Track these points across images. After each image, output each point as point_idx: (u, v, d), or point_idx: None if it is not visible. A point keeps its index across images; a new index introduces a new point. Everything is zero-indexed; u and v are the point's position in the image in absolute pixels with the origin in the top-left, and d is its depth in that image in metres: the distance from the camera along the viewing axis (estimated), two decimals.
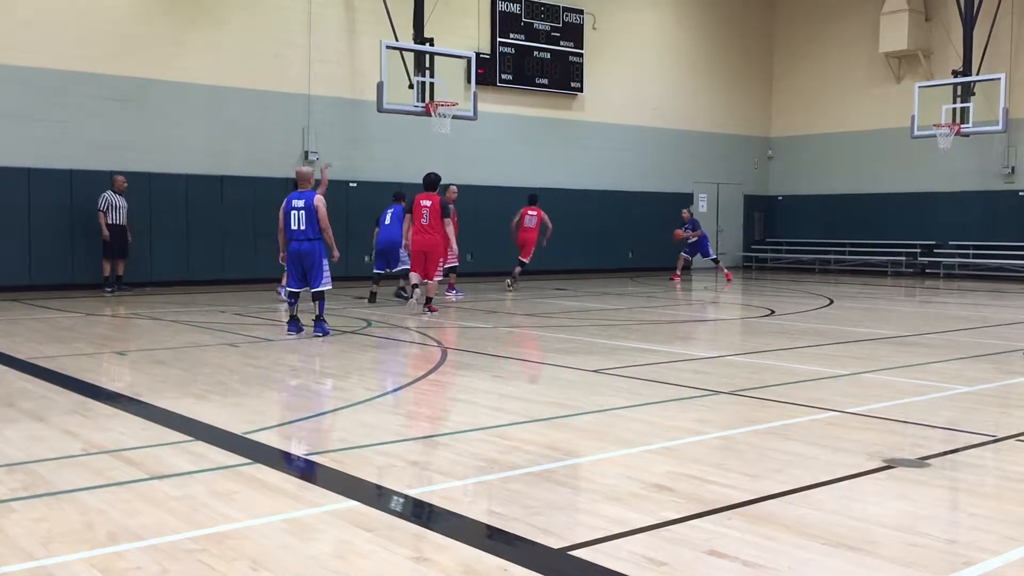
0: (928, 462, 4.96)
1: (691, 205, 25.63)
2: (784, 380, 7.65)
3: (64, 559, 3.47)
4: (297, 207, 10.32)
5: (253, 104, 18.32)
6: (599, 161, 23.48)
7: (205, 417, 6.04)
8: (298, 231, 10.32)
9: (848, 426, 5.89)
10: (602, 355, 9.03)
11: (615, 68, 23.73)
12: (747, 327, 12.39)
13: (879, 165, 24.72)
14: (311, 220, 10.29)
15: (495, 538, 3.80)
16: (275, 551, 3.61)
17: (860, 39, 25.00)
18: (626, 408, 6.44)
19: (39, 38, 16.02)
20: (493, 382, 7.69)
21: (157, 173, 17.19)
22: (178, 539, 3.69)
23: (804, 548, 3.62)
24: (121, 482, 4.51)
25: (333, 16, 19.26)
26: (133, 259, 16.86)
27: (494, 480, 4.65)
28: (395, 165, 19.84)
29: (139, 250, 16.94)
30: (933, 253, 23.73)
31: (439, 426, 5.89)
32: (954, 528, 4.02)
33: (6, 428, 5.84)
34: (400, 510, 4.18)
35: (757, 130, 27.21)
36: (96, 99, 16.62)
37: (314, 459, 4.99)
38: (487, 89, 20.78)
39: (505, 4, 21.55)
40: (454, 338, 10.62)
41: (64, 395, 6.85)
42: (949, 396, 7.05)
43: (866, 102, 24.99)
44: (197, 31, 17.68)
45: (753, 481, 4.56)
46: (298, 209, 10.31)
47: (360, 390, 7.22)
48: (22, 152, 15.90)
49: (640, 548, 3.62)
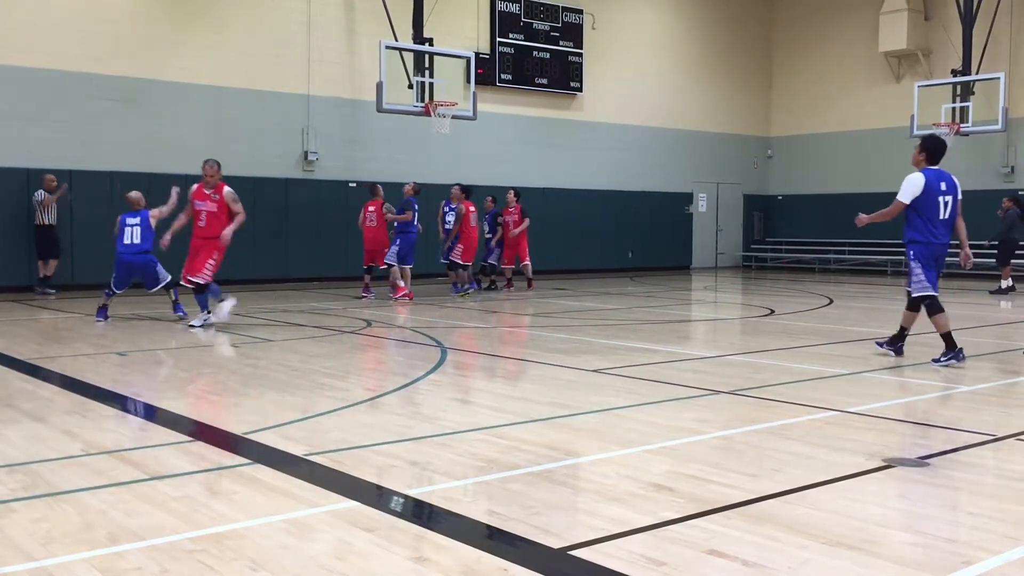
0: (928, 462, 4.96)
1: (691, 205, 25.64)
2: (784, 380, 7.65)
3: (64, 559, 3.47)
4: (132, 224, 11.73)
5: (253, 104, 18.32)
6: (599, 161, 23.49)
7: (204, 417, 6.04)
8: (131, 245, 11.69)
9: (848, 426, 5.89)
10: (602, 355, 9.03)
11: (614, 68, 23.74)
12: (747, 327, 12.38)
13: (879, 164, 24.72)
14: (146, 235, 11.73)
15: (495, 538, 3.80)
16: (274, 551, 3.61)
17: (860, 38, 25.00)
18: (626, 408, 6.44)
19: (38, 38, 16.02)
20: (493, 382, 7.68)
21: (157, 173, 17.19)
22: (177, 539, 3.69)
23: (804, 548, 3.62)
24: (121, 482, 4.50)
25: (333, 16, 19.26)
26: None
27: (494, 480, 4.65)
28: (394, 165, 19.85)
29: None
30: None
31: (439, 426, 5.89)
32: (954, 527, 4.02)
33: (6, 428, 5.84)
34: (400, 510, 4.18)
35: (757, 130, 27.22)
36: (95, 99, 16.62)
37: (313, 459, 4.99)
38: (486, 89, 20.78)
39: (504, 4, 21.55)
40: (454, 338, 10.62)
41: (64, 395, 6.85)
42: (949, 395, 7.05)
43: (866, 101, 25.00)
44: (197, 31, 17.68)
45: (753, 481, 4.56)
46: (132, 226, 11.72)
47: (360, 390, 7.22)
48: (22, 153, 15.90)
49: (640, 548, 3.62)
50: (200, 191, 11.15)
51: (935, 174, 8.57)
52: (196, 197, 11.16)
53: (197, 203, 11.14)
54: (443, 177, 20.42)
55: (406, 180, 19.92)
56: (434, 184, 20.61)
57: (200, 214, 11.14)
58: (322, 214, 19.05)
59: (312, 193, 19.00)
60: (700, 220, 26.09)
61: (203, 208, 11.11)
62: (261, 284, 17.91)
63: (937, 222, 8.50)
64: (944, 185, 8.53)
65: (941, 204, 8.49)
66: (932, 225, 8.50)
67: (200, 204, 11.12)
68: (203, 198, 11.08)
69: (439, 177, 20.45)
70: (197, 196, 11.15)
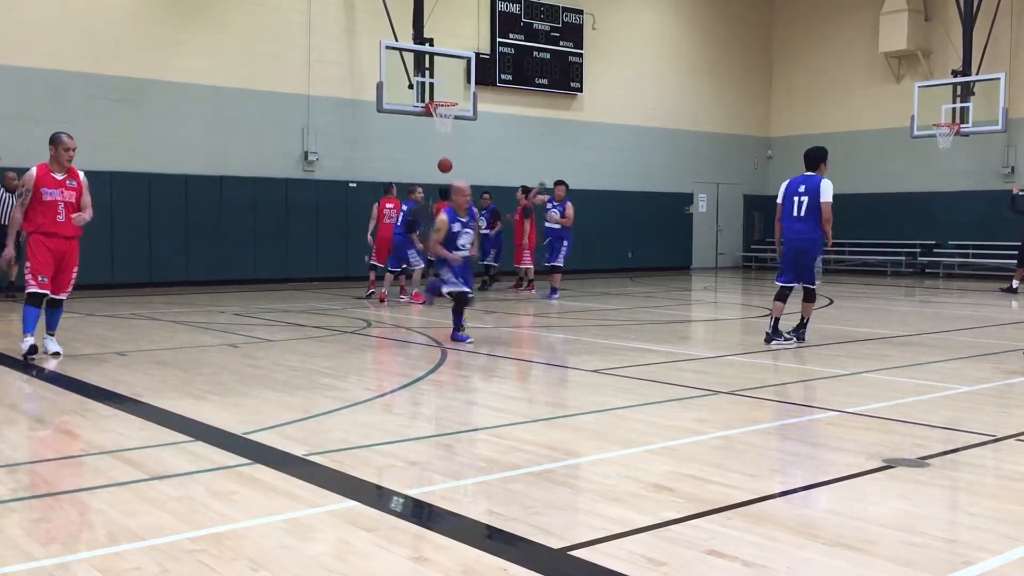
0: (928, 462, 4.96)
1: (691, 205, 25.63)
2: (784, 380, 7.65)
3: (64, 559, 3.47)
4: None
5: (253, 104, 18.32)
6: (599, 161, 23.48)
7: (205, 417, 6.04)
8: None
9: (848, 426, 5.89)
10: (602, 355, 9.03)
11: (615, 68, 23.74)
12: (747, 327, 12.38)
13: (879, 165, 24.72)
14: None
15: (495, 538, 3.80)
16: (274, 551, 3.61)
17: (859, 39, 25.00)
18: (626, 408, 6.44)
19: (38, 38, 16.03)
20: (493, 382, 7.68)
21: (157, 173, 17.20)
22: (178, 539, 3.69)
23: (804, 548, 3.62)
24: (121, 482, 4.50)
25: (333, 16, 19.27)
26: (132, 259, 16.87)
27: (494, 480, 4.65)
28: (395, 165, 19.85)
29: (138, 251, 16.95)
30: (933, 253, 23.73)
31: (439, 426, 5.89)
32: (954, 528, 4.02)
33: (6, 428, 5.85)
34: (400, 510, 4.18)
35: (757, 130, 27.22)
36: (95, 99, 16.62)
37: (313, 459, 4.99)
38: (487, 89, 20.78)
39: (504, 4, 21.55)
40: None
41: (64, 395, 6.85)
42: (949, 396, 7.05)
43: (866, 102, 25.00)
44: (197, 31, 17.68)
45: (753, 481, 4.56)
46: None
47: (359, 390, 7.22)
48: (21, 153, 15.88)
49: (640, 548, 3.62)
50: None
51: (801, 178, 10.26)
52: None
53: None
54: (443, 177, 20.42)
55: (406, 181, 19.94)
56: (436, 184, 20.64)
57: None
58: (322, 214, 19.06)
59: (312, 193, 19.00)
60: (700, 220, 26.09)
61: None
62: (261, 284, 17.91)
63: (791, 219, 9.92)
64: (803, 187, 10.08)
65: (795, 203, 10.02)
66: (787, 221, 9.92)
67: None
68: None
69: (439, 178, 20.45)
70: None
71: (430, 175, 20.13)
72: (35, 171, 8.72)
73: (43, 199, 8.56)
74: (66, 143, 8.76)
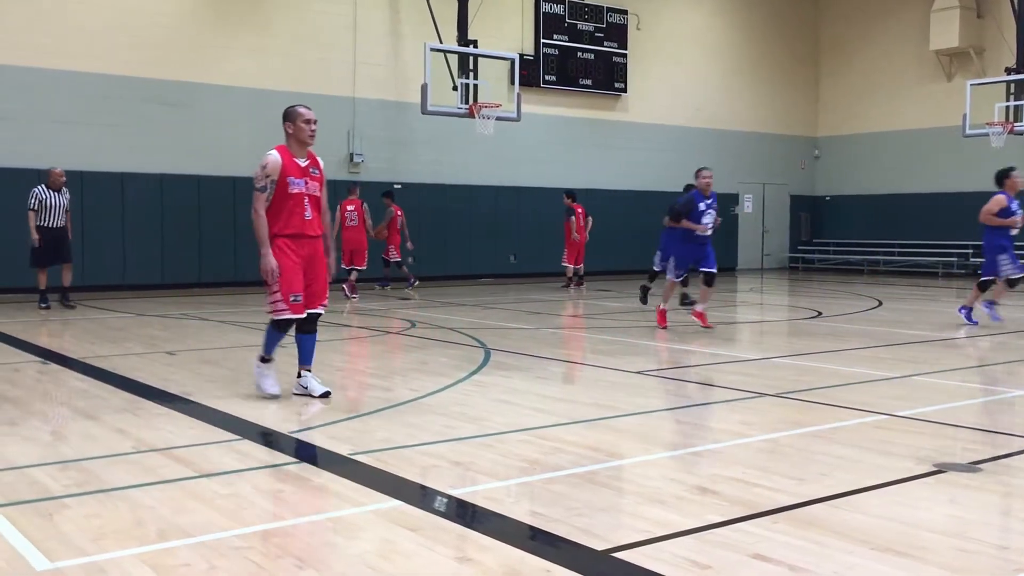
0: (979, 467, 4.87)
1: (736, 205, 25.39)
2: (831, 383, 7.55)
3: (115, 555, 3.53)
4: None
5: None
6: (643, 162, 23.36)
7: (252, 416, 6.12)
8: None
9: (897, 429, 5.80)
10: (645, 356, 8.98)
11: (659, 68, 23.61)
12: (794, 329, 12.25)
13: (929, 164, 24.30)
14: None
15: (538, 539, 3.80)
16: (320, 549, 3.65)
17: (909, 37, 24.61)
18: (669, 410, 6.40)
19: (89, 43, 16.33)
20: (536, 383, 7.69)
21: (205, 176, 17.45)
22: (225, 536, 3.74)
23: (851, 553, 3.57)
24: (170, 480, 4.58)
25: (377, 19, 19.40)
26: (181, 260, 17.13)
27: (537, 481, 4.65)
28: (438, 167, 19.94)
29: (187, 252, 17.21)
30: None
31: (482, 427, 5.90)
32: (1005, 534, 3.94)
33: (61, 426, 5.97)
34: (443, 510, 4.19)
35: (803, 130, 26.90)
36: (145, 103, 16.91)
37: (358, 459, 5.03)
38: (530, 90, 20.78)
39: (548, 5, 21.54)
40: (497, 339, 10.63)
41: (116, 394, 6.98)
42: (1001, 400, 6.91)
43: (916, 100, 24.58)
44: (243, 35, 17.91)
45: (799, 485, 4.51)
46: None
47: (404, 390, 7.26)
48: (73, 156, 16.21)
49: (684, 551, 3.60)
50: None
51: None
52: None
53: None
54: (487, 179, 20.49)
55: (449, 182, 20.05)
56: (479, 186, 20.68)
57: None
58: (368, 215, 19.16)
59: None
60: (746, 221, 25.84)
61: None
62: None
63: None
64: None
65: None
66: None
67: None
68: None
69: (483, 179, 20.51)
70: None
71: (474, 177, 20.21)
72: (278, 155, 6.74)
73: (288, 191, 6.71)
74: (304, 115, 6.86)
